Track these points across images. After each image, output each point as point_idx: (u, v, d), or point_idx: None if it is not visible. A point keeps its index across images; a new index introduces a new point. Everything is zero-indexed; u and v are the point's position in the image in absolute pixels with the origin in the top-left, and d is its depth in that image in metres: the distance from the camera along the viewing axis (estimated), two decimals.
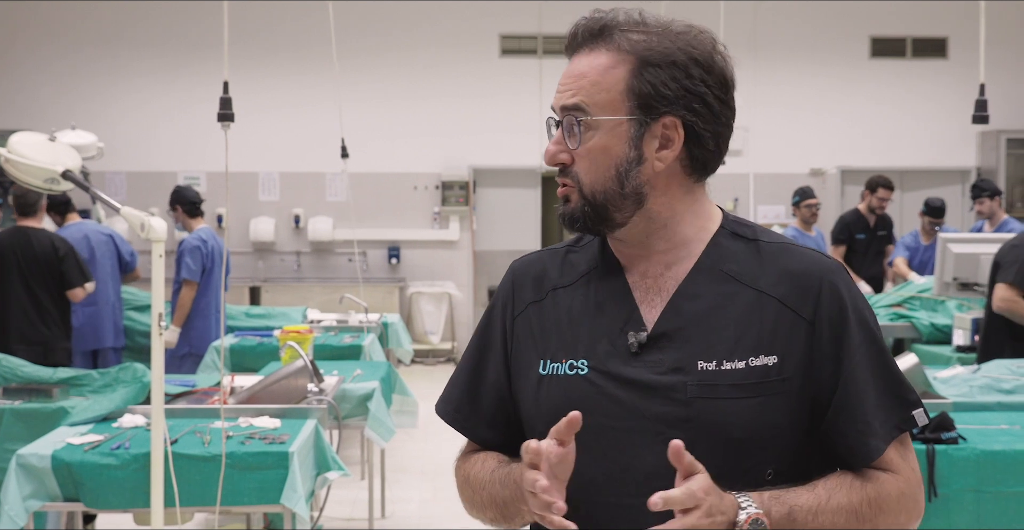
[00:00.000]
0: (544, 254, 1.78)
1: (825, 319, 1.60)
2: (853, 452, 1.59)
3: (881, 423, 1.59)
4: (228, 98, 3.31)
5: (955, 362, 5.93)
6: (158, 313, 3.21)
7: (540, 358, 1.67)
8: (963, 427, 3.80)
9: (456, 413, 1.77)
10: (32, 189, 3.79)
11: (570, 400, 1.60)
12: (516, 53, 12.26)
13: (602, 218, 1.63)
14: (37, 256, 6.31)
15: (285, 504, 3.64)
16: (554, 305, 1.70)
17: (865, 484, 1.58)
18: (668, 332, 1.61)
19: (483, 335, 1.78)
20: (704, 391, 1.57)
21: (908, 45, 12.61)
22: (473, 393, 1.76)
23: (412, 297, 12.05)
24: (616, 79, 1.60)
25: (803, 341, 1.59)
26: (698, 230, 1.67)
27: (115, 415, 4.16)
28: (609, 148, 1.61)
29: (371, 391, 5.03)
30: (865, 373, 1.59)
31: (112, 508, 3.70)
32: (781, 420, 1.58)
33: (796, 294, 1.61)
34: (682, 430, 1.55)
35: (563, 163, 1.63)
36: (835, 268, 1.64)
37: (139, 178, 12.00)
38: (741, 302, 1.61)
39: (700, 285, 1.63)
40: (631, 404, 1.59)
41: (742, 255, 1.65)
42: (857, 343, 1.60)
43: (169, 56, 12.06)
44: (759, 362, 1.58)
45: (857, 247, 8.93)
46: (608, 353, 1.62)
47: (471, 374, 1.77)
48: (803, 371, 1.59)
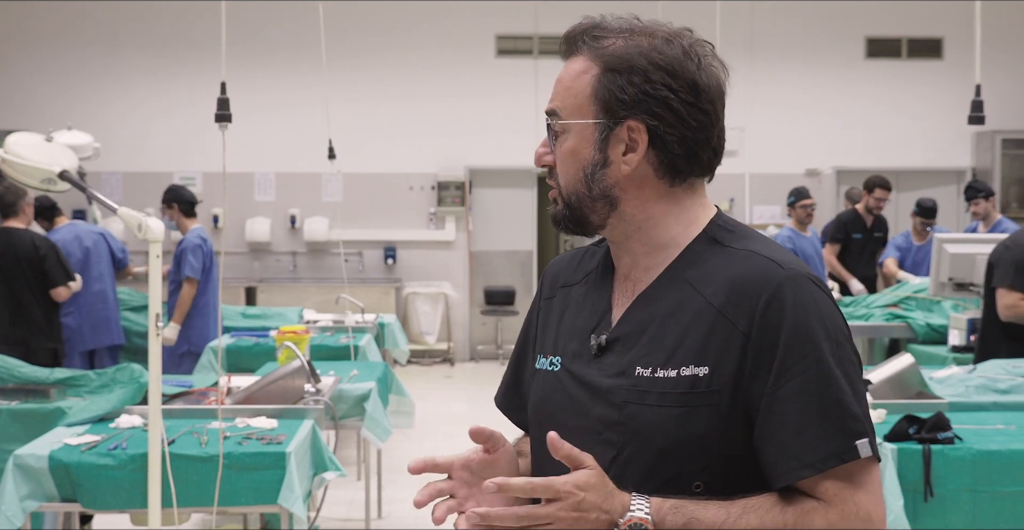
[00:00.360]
0: (574, 252, 1.85)
1: (760, 332, 1.53)
2: (769, 472, 1.53)
3: (809, 449, 1.50)
4: (226, 99, 3.31)
5: (951, 362, 5.94)
6: (155, 313, 3.22)
7: (538, 352, 1.77)
8: (959, 427, 3.80)
9: (503, 399, 1.90)
10: (29, 189, 3.78)
11: (546, 394, 1.72)
12: (512, 53, 12.26)
13: (578, 220, 1.68)
14: (18, 256, 6.29)
15: (282, 504, 3.64)
16: (559, 301, 1.78)
17: (787, 508, 1.51)
18: (622, 336, 1.64)
19: (524, 327, 1.88)
20: (635, 396, 1.59)
21: (904, 45, 12.63)
22: (516, 381, 1.87)
23: (408, 297, 12.05)
24: (583, 84, 1.64)
25: (736, 353, 1.54)
26: (677, 235, 1.66)
27: (112, 415, 4.16)
28: (577, 151, 1.65)
29: (368, 391, 5.03)
30: (796, 394, 1.51)
31: (109, 508, 3.70)
32: (708, 433, 1.54)
33: (735, 304, 1.56)
34: (615, 433, 1.60)
35: (548, 165, 1.69)
36: (790, 277, 1.55)
37: (135, 178, 11.99)
38: (690, 310, 1.59)
39: (661, 290, 1.64)
40: (582, 404, 1.65)
41: (709, 261, 1.62)
42: (794, 361, 1.52)
43: (165, 57, 12.06)
44: (689, 372, 1.55)
45: (853, 247, 8.95)
46: (575, 353, 1.69)
47: (515, 363, 1.88)
48: (734, 384, 1.54)
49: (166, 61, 12.05)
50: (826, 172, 12.50)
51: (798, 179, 12.08)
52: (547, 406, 1.70)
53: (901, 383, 4.40)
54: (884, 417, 4.02)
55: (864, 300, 7.76)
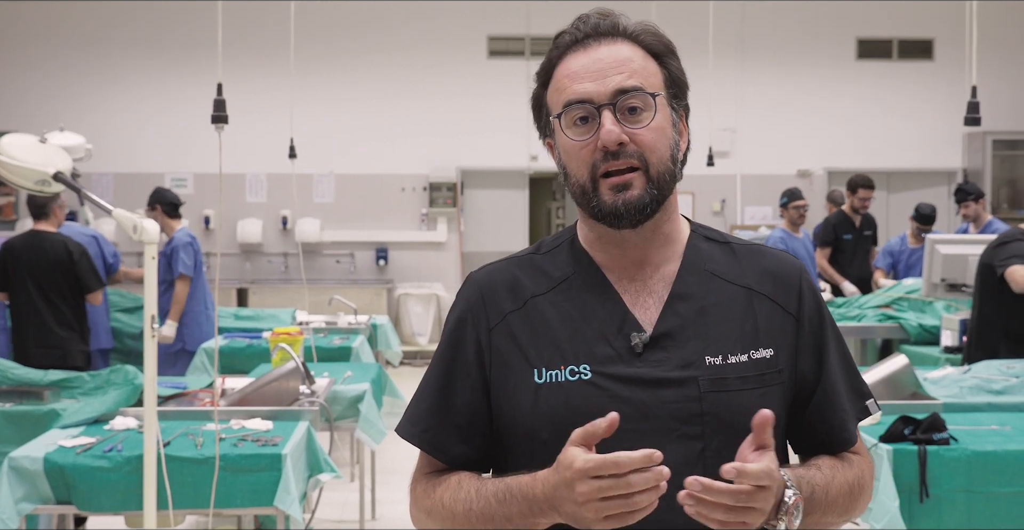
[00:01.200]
0: (508, 263, 1.75)
1: (807, 314, 1.70)
2: (835, 439, 1.70)
3: (851, 415, 1.71)
4: (222, 100, 3.30)
5: (944, 363, 5.95)
6: (151, 315, 3.20)
7: (533, 367, 1.64)
8: (954, 428, 3.81)
9: (424, 434, 1.71)
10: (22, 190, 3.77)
11: (575, 406, 1.59)
12: (504, 55, 12.26)
13: (660, 202, 1.64)
14: (51, 260, 6.32)
15: (279, 506, 3.63)
16: (537, 313, 1.67)
17: (850, 465, 1.69)
18: (670, 331, 1.63)
19: (450, 350, 1.71)
20: (715, 385, 1.60)
21: (895, 47, 12.66)
22: (444, 410, 1.70)
23: (400, 298, 12.04)
24: (654, 68, 1.65)
25: (792, 335, 1.68)
26: (679, 231, 1.72)
27: (107, 417, 4.15)
28: (665, 129, 1.64)
29: (362, 393, 5.02)
30: (838, 366, 1.71)
31: (104, 511, 3.69)
32: (779, 410, 1.63)
33: (781, 291, 1.70)
34: (696, 425, 1.59)
35: (625, 142, 1.60)
36: (803, 266, 1.75)
37: (126, 179, 11.96)
38: (733, 299, 1.67)
39: (690, 285, 1.67)
40: (641, 404, 1.59)
41: (719, 256, 1.71)
42: (831, 338, 1.72)
43: (157, 57, 12.04)
44: (759, 355, 1.64)
45: (844, 248, 8.94)
46: (609, 356, 1.62)
47: (439, 391, 1.71)
48: (792, 363, 1.68)
49: (158, 62, 12.03)
50: (817, 173, 12.52)
51: (789, 180, 12.10)
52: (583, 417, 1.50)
53: (895, 384, 4.40)
54: (879, 418, 4.02)
55: (857, 301, 7.77)
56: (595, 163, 1.61)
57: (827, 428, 1.70)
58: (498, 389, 1.67)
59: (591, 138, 1.60)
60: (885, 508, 3.55)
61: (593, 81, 1.61)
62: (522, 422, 1.64)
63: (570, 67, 1.64)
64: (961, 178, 12.32)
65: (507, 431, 1.67)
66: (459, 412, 1.69)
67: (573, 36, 1.65)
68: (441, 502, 1.65)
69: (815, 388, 1.69)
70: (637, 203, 1.60)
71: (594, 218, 1.64)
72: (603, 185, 1.61)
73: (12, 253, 6.27)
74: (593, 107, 1.60)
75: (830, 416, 1.70)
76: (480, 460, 1.72)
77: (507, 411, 1.66)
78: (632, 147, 1.60)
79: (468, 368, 1.69)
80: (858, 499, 1.68)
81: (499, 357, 1.67)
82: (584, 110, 1.61)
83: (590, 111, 1.61)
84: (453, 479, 1.67)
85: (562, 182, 1.69)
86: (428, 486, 1.70)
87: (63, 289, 6.35)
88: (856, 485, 1.67)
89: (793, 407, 1.69)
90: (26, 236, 6.41)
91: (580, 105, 1.61)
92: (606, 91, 1.60)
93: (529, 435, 1.63)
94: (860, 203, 8.87)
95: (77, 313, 6.44)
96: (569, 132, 1.63)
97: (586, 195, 1.62)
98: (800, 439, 1.72)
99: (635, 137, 1.60)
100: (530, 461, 1.62)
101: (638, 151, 1.60)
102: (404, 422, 1.74)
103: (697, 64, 10.41)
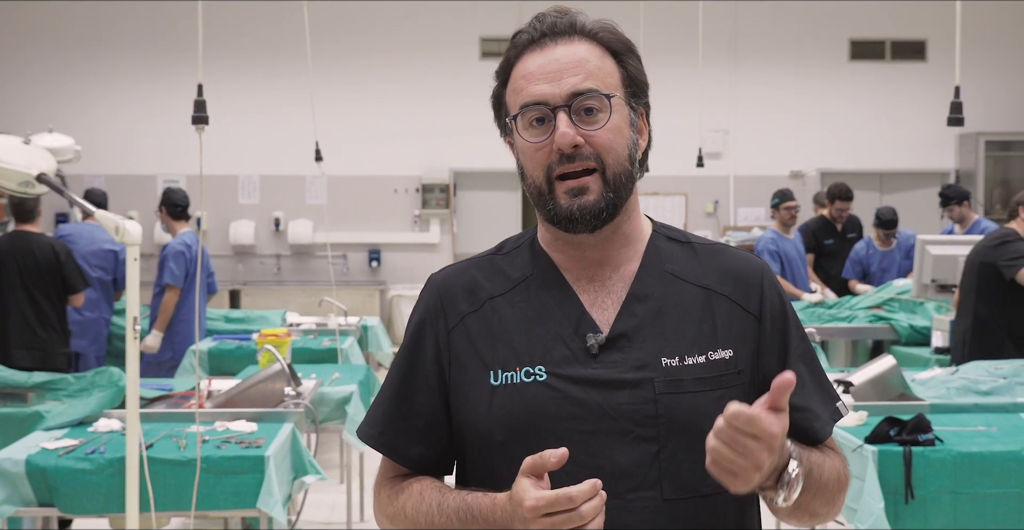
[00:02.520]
0: (467, 265, 1.75)
1: (769, 314, 1.68)
2: (803, 435, 1.65)
3: (821, 409, 1.68)
4: (202, 101, 3.28)
5: (934, 364, 5.95)
6: (133, 317, 3.19)
7: (489, 369, 1.63)
8: (940, 429, 3.80)
9: (381, 436, 1.70)
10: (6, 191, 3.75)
11: (530, 408, 1.59)
12: (496, 56, 12.20)
13: (618, 205, 1.61)
14: (38, 261, 6.30)
15: (261, 508, 3.61)
16: (494, 314, 1.66)
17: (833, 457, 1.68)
18: (626, 332, 1.61)
19: (409, 352, 1.71)
20: (670, 386, 1.58)
21: (887, 48, 12.66)
22: (402, 412, 1.69)
23: (393, 300, 12.03)
24: (611, 66, 1.63)
25: (752, 335, 1.66)
26: (640, 229, 1.70)
27: (90, 419, 4.14)
28: (622, 130, 1.61)
29: (349, 394, 5.00)
30: (803, 365, 1.68)
31: (87, 513, 3.67)
32: None
33: (742, 291, 1.67)
34: (651, 427, 1.57)
35: (580, 144, 1.57)
36: (766, 266, 1.73)
37: (118, 181, 11.95)
38: (691, 300, 1.65)
39: (648, 286, 1.65)
40: (596, 405, 1.58)
41: (679, 256, 1.69)
42: (795, 338, 1.69)
43: (148, 59, 12.02)
44: (717, 356, 1.62)
45: (827, 252, 8.90)
46: (565, 357, 1.60)
47: (398, 394, 1.70)
48: (752, 364, 1.65)
49: (149, 63, 12.02)
50: (810, 174, 12.52)
51: (782, 181, 12.10)
52: (538, 419, 1.58)
53: (883, 385, 4.40)
54: (865, 419, 4.01)
55: (848, 302, 7.75)
56: (550, 165, 1.59)
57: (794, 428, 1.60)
58: (455, 391, 1.66)
59: (546, 140, 1.59)
60: (870, 509, 3.54)
61: (549, 82, 1.59)
62: (477, 424, 1.63)
63: (526, 67, 1.62)
64: (954, 179, 12.34)
65: (464, 433, 1.66)
66: (417, 414, 1.68)
67: (530, 35, 1.64)
68: (404, 511, 1.66)
69: None
70: (593, 208, 1.58)
71: (550, 222, 1.63)
72: (559, 188, 1.59)
73: None
74: (548, 109, 1.59)
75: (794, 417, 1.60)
76: (439, 462, 1.71)
77: (463, 413, 1.65)
78: (588, 149, 1.58)
79: (426, 371, 1.68)
80: (842, 490, 1.67)
81: (457, 359, 1.66)
82: (540, 111, 1.60)
83: (545, 113, 1.59)
84: (415, 488, 1.66)
85: (520, 182, 1.68)
86: (392, 492, 1.70)
87: (49, 290, 6.34)
88: (842, 474, 1.67)
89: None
90: (11, 236, 6.39)
91: (536, 107, 1.60)
92: (561, 93, 1.58)
93: (485, 437, 1.63)
94: (837, 214, 8.87)
95: (60, 314, 6.43)
96: (525, 134, 1.62)
97: (542, 197, 1.61)
98: None
99: (590, 139, 1.58)
100: (487, 463, 1.63)
101: (594, 153, 1.58)
102: (363, 424, 1.75)
103: (688, 64, 10.46)
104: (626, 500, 1.55)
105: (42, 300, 6.32)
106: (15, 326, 6.24)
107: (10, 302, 6.24)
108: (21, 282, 6.26)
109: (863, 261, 8.51)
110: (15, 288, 6.25)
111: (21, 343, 6.22)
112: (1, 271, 6.24)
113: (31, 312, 6.28)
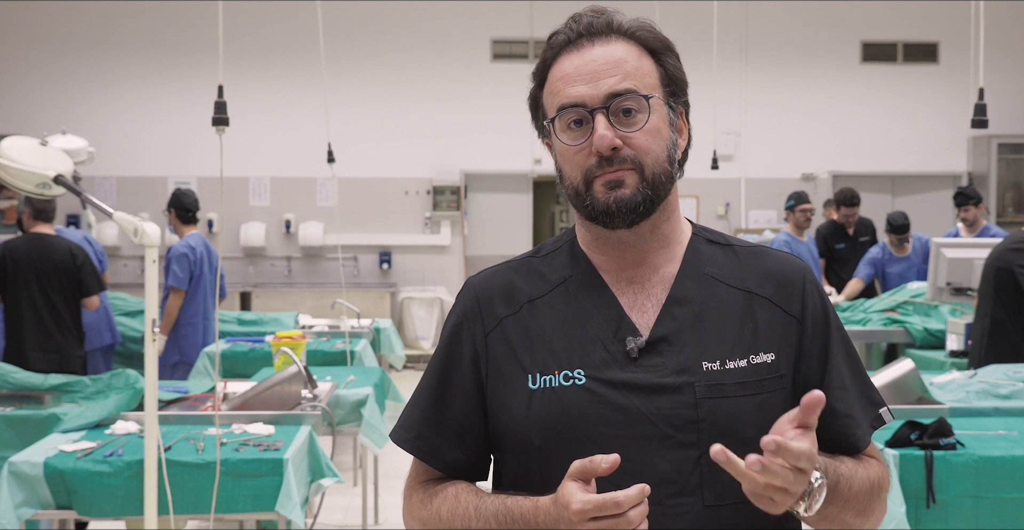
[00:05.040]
0: (506, 267, 1.73)
1: (810, 317, 1.65)
2: (841, 445, 1.63)
3: (862, 416, 1.66)
4: (223, 102, 3.27)
5: (949, 367, 5.92)
6: (151, 319, 3.18)
7: (528, 372, 1.61)
8: (961, 433, 3.78)
9: (417, 440, 1.69)
10: (23, 193, 3.75)
11: (568, 412, 1.57)
12: (508, 58, 12.25)
13: (655, 203, 1.60)
14: (56, 264, 6.30)
15: (280, 511, 3.60)
16: (533, 317, 1.65)
17: (870, 466, 1.65)
18: (667, 336, 1.60)
19: (445, 356, 1.70)
20: (711, 391, 1.57)
21: (899, 50, 12.63)
22: (438, 416, 1.68)
23: (403, 302, 12.02)
24: (650, 66, 1.62)
25: (794, 338, 1.63)
26: (679, 232, 1.69)
27: (107, 422, 4.13)
28: (661, 130, 1.60)
29: (365, 397, 4.99)
30: (845, 369, 1.66)
31: (105, 516, 3.66)
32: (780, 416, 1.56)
33: (784, 293, 1.65)
34: (692, 432, 1.55)
35: (618, 147, 1.57)
36: (807, 268, 1.71)
37: (129, 183, 11.96)
38: (731, 303, 1.63)
39: (688, 289, 1.63)
40: (636, 410, 1.56)
41: (720, 259, 1.67)
42: (837, 341, 1.67)
43: (159, 60, 12.03)
44: (759, 360, 1.60)
45: (839, 257, 8.89)
46: (604, 361, 1.59)
47: (434, 398, 1.69)
48: (794, 367, 1.63)
49: (160, 64, 12.02)
50: (822, 177, 12.49)
51: (794, 184, 12.08)
52: (577, 423, 1.56)
53: (902, 388, 4.37)
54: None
55: (862, 304, 7.73)
56: (589, 168, 1.58)
57: (832, 434, 1.63)
58: (493, 395, 1.65)
59: (585, 142, 1.58)
60: (892, 513, 3.52)
61: (586, 84, 1.58)
62: (516, 428, 1.62)
63: (563, 69, 1.61)
64: (966, 182, 12.30)
65: (502, 437, 1.65)
66: (453, 418, 1.67)
67: (567, 36, 1.63)
68: (438, 515, 1.64)
69: None
70: (629, 202, 1.57)
71: (588, 218, 1.62)
72: (596, 183, 1.58)
73: (13, 255, 6.23)
74: (586, 111, 1.58)
75: (834, 422, 1.63)
76: (475, 466, 1.70)
77: (501, 417, 1.64)
78: (627, 151, 1.57)
79: (463, 374, 1.67)
80: (876, 500, 1.63)
81: (494, 363, 1.65)
82: (577, 114, 1.59)
83: (583, 114, 1.58)
84: (450, 491, 1.65)
85: (558, 183, 1.67)
86: (424, 496, 1.68)
87: (64, 292, 6.33)
88: (876, 485, 1.63)
89: None
90: (28, 238, 6.38)
91: (573, 109, 1.59)
92: (599, 94, 1.57)
93: (523, 441, 1.61)
94: (845, 220, 8.88)
95: (75, 317, 6.42)
96: (563, 136, 1.60)
97: (579, 196, 1.60)
98: None
99: (629, 140, 1.57)
100: (525, 467, 1.62)
101: (632, 154, 1.57)
102: (398, 428, 1.73)
103: (701, 66, 10.44)
104: (666, 506, 1.53)
105: (58, 302, 6.30)
106: (31, 329, 6.23)
107: (26, 305, 6.23)
108: (38, 284, 6.26)
109: (877, 264, 8.48)
110: (32, 291, 6.24)
111: (37, 346, 6.21)
112: (18, 273, 6.23)
113: (47, 315, 6.27)
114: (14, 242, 6.34)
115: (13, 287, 6.23)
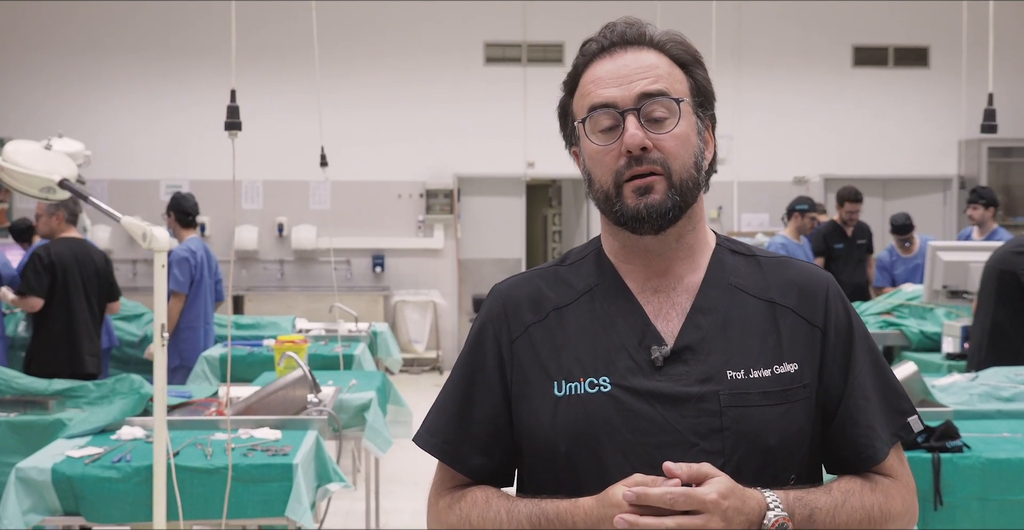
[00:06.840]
0: (532, 275, 1.75)
1: (833, 327, 1.66)
2: (859, 456, 1.64)
3: (882, 428, 1.65)
4: (236, 106, 3.27)
5: (947, 370, 5.95)
6: (160, 324, 3.17)
7: (553, 379, 1.63)
8: (966, 435, 3.80)
9: (444, 445, 1.70)
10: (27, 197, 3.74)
11: (594, 419, 1.59)
12: (501, 61, 12.24)
13: (683, 209, 1.62)
14: (96, 268, 6.36)
15: (290, 516, 3.60)
16: (559, 325, 1.66)
17: (875, 488, 1.62)
18: (691, 345, 1.61)
19: (471, 361, 1.71)
20: (736, 400, 1.58)
21: (890, 54, 12.68)
22: (464, 422, 1.69)
23: (397, 305, 12.01)
24: (680, 75, 1.65)
25: (818, 348, 1.64)
26: (704, 242, 1.70)
27: (112, 427, 4.11)
28: (689, 136, 1.62)
29: (368, 401, 4.98)
30: (868, 380, 1.65)
31: (113, 522, 3.65)
32: (804, 425, 1.62)
33: (807, 303, 1.66)
34: (716, 440, 1.56)
35: (648, 148, 1.59)
36: (831, 278, 1.72)
37: (121, 186, 11.92)
38: (755, 313, 1.64)
39: (712, 298, 1.65)
40: (660, 418, 1.58)
41: (744, 269, 1.69)
42: (861, 350, 1.67)
43: (152, 63, 11.99)
44: (783, 369, 1.61)
45: (836, 256, 8.97)
46: (629, 369, 1.60)
47: (460, 403, 1.70)
48: (817, 377, 1.64)
49: (153, 68, 11.99)
50: (813, 180, 12.53)
51: (786, 187, 12.12)
52: (602, 429, 1.58)
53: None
54: None
55: (858, 307, 7.76)
56: (619, 170, 1.60)
57: (850, 446, 1.65)
58: (519, 401, 1.66)
59: (615, 143, 1.60)
60: None
61: (618, 86, 1.61)
62: (541, 434, 1.63)
63: (595, 73, 1.63)
64: (956, 185, 12.36)
65: (527, 443, 1.66)
66: (479, 424, 1.68)
67: (599, 44, 1.65)
68: (468, 519, 1.64)
69: (839, 403, 1.65)
70: (659, 207, 1.58)
71: (617, 223, 1.63)
72: (626, 189, 1.59)
73: (61, 260, 6.22)
74: (617, 112, 1.60)
75: (853, 433, 1.64)
76: (500, 472, 1.71)
77: (527, 423, 1.65)
78: (655, 153, 1.59)
79: (489, 380, 1.68)
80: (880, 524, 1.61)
81: (520, 369, 1.66)
82: (608, 115, 1.61)
83: (614, 116, 1.60)
84: (479, 495, 1.66)
85: (586, 189, 1.68)
86: (451, 501, 1.69)
87: (101, 296, 6.41)
88: (876, 511, 1.60)
89: (821, 423, 1.66)
90: (70, 243, 6.36)
91: (604, 109, 1.61)
92: (630, 95, 1.60)
93: (548, 448, 1.63)
94: (847, 216, 8.93)
95: (103, 320, 6.52)
96: (593, 137, 1.62)
97: (609, 200, 1.61)
98: (827, 457, 1.69)
99: (658, 143, 1.59)
100: (550, 473, 1.63)
101: (661, 157, 1.59)
102: (423, 432, 1.74)
103: None
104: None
105: (96, 306, 6.37)
106: (86, 333, 6.27)
107: (78, 309, 6.25)
108: (83, 289, 6.29)
109: (889, 268, 8.59)
110: (79, 295, 6.27)
111: (89, 350, 6.27)
112: (67, 278, 6.22)
113: (90, 319, 6.32)
114: (57, 247, 6.30)
115: (63, 291, 6.21)
